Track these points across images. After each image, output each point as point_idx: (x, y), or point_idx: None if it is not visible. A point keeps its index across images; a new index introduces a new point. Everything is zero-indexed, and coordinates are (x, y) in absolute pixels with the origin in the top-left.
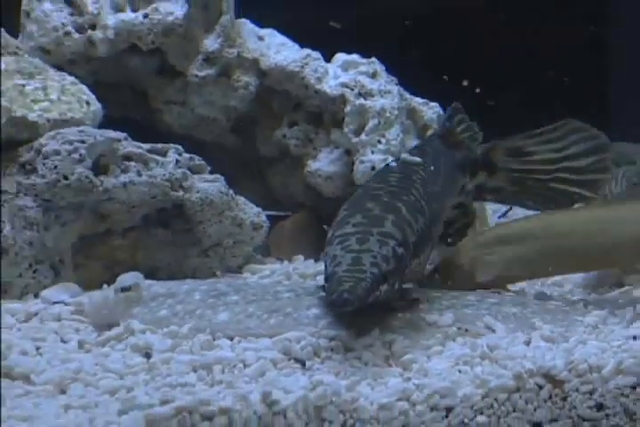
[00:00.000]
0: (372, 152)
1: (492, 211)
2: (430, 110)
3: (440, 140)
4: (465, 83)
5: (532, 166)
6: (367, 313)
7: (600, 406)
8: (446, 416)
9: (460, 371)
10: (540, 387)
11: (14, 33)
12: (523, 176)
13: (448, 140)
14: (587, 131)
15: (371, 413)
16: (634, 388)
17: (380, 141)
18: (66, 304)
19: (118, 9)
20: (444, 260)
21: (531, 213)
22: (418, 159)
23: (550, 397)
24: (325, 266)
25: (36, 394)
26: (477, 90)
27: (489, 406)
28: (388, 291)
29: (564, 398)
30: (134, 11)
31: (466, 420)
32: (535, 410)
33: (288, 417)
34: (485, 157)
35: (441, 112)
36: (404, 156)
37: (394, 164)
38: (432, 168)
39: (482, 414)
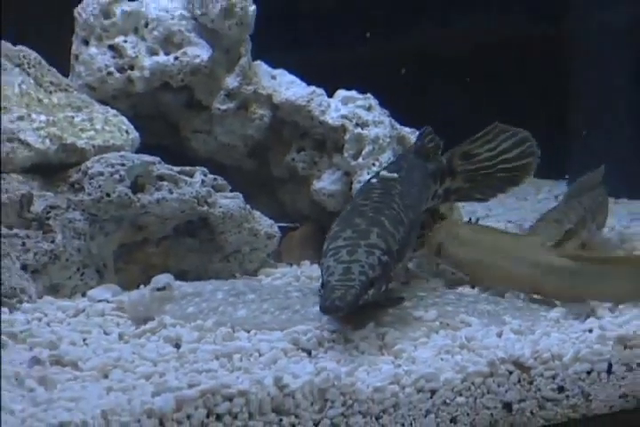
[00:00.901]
0: (368, 173)
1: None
2: None
3: (414, 155)
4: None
5: (479, 165)
6: (363, 310)
7: (561, 389)
8: (431, 397)
9: (442, 359)
10: (511, 372)
11: (65, 73)
12: (474, 174)
13: (422, 155)
14: (511, 130)
15: (367, 394)
16: (589, 373)
17: (374, 164)
18: (108, 302)
19: (153, 52)
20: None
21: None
22: (395, 175)
23: (519, 381)
24: (321, 275)
25: (83, 378)
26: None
27: (467, 388)
28: (375, 294)
29: (531, 382)
30: (167, 54)
31: (447, 400)
32: (506, 392)
33: (296, 398)
34: (449, 165)
35: None
36: (383, 173)
37: (374, 180)
38: (408, 181)
39: (461, 395)
